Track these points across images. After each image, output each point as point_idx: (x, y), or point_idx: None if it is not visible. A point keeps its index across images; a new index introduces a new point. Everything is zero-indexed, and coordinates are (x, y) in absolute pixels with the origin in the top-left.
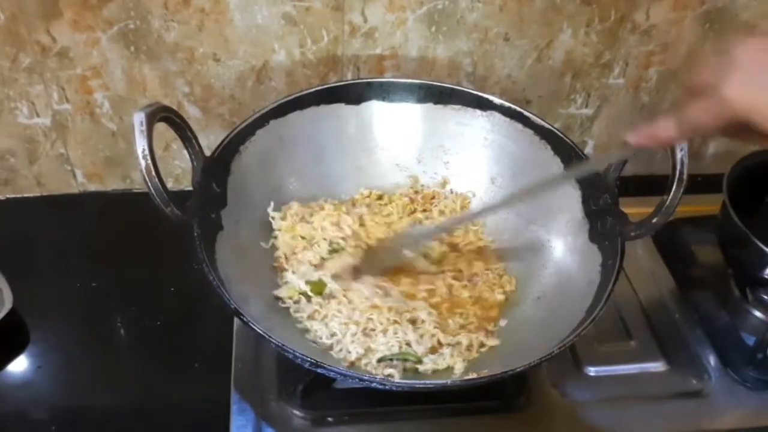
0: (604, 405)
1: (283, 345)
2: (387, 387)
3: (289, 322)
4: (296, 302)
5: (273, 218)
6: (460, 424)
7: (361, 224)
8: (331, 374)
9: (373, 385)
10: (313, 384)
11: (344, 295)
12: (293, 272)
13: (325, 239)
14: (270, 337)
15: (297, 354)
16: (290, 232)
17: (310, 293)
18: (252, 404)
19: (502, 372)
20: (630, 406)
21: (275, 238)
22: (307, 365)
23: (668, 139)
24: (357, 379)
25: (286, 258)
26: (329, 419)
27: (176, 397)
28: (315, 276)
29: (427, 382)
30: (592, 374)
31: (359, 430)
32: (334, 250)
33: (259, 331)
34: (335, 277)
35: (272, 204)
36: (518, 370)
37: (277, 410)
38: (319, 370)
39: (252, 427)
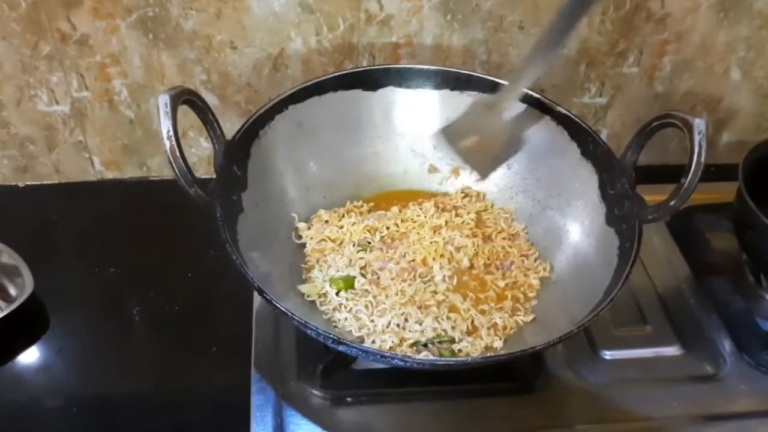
0: (619, 388)
1: (306, 322)
2: (408, 364)
3: (312, 310)
4: (322, 295)
5: (299, 228)
6: (477, 404)
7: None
8: (353, 351)
9: (395, 362)
10: (332, 364)
11: (373, 288)
12: (320, 270)
13: (352, 241)
14: (292, 314)
15: (320, 331)
16: (318, 237)
17: (336, 289)
18: (272, 384)
19: (522, 350)
20: (645, 389)
21: (303, 244)
22: (329, 342)
23: None
24: (378, 356)
25: (317, 260)
26: (348, 399)
27: (196, 379)
28: (345, 271)
29: (449, 359)
30: (607, 357)
31: (378, 410)
32: (362, 250)
33: (281, 308)
34: (364, 270)
35: (296, 216)
36: (538, 348)
37: (296, 390)
38: (340, 347)
39: (272, 407)
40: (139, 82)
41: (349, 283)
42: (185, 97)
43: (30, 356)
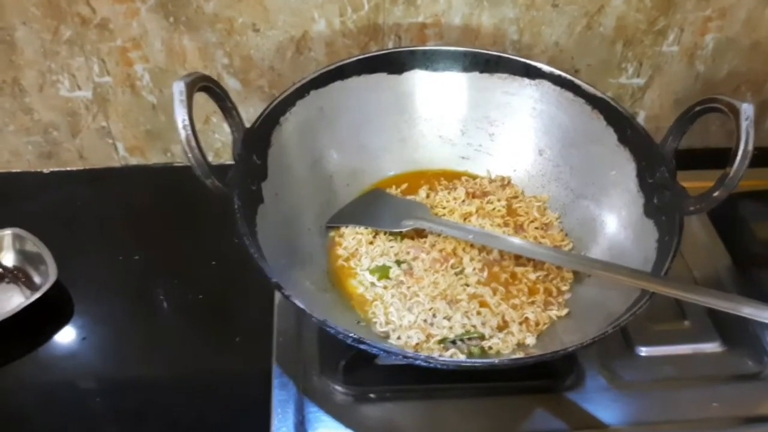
0: (655, 386)
1: (325, 320)
2: (431, 365)
3: (338, 302)
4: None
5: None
6: (505, 403)
7: None
8: (374, 351)
9: (417, 362)
10: (355, 360)
11: (407, 278)
12: (359, 268)
13: (385, 232)
14: (311, 312)
15: (339, 330)
16: (352, 233)
17: (377, 282)
18: (294, 379)
19: (553, 352)
20: (683, 387)
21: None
22: (349, 341)
23: None
24: (401, 356)
25: (351, 256)
26: (371, 396)
27: (218, 370)
28: (380, 261)
29: (475, 360)
30: (643, 354)
31: (402, 407)
32: (393, 239)
33: (299, 305)
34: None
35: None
36: (570, 349)
37: (319, 385)
38: (361, 347)
39: (294, 402)
40: (161, 66)
41: (384, 273)
42: (201, 84)
43: (55, 343)
